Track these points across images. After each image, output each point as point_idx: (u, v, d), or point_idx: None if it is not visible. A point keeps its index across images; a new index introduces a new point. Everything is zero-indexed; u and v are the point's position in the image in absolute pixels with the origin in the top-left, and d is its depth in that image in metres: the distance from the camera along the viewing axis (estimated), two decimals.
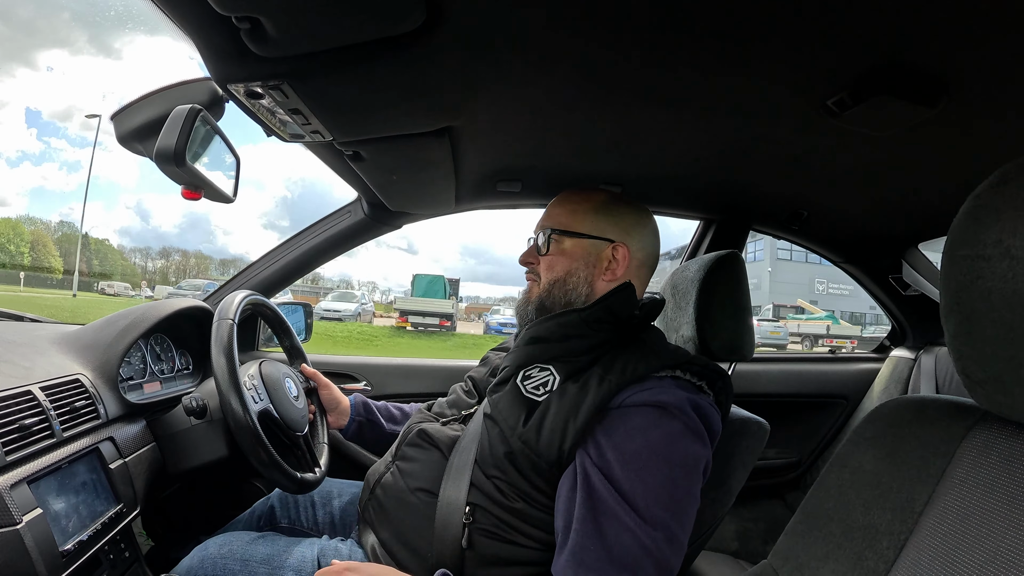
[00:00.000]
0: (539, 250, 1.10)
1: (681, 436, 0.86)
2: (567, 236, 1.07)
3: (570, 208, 1.09)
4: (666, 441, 0.85)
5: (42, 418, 0.90)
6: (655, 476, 0.83)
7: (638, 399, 0.89)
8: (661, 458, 0.84)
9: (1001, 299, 0.52)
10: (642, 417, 0.87)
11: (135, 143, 0.94)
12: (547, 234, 1.08)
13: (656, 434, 0.86)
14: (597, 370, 0.94)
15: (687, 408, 0.88)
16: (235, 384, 1.04)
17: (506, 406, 0.98)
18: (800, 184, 1.45)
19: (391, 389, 1.89)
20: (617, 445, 0.85)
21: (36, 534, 0.78)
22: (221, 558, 1.00)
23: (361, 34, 0.73)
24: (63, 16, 53.26)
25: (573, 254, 1.06)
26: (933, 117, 0.91)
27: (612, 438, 0.86)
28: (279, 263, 1.71)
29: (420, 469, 1.04)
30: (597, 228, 1.06)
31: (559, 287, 1.06)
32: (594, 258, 1.05)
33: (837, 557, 0.66)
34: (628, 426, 0.87)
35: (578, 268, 1.05)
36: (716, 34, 0.77)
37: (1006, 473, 0.56)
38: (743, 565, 1.82)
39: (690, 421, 0.87)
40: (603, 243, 1.05)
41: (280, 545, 1.04)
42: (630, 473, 0.83)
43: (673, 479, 0.84)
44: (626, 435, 0.86)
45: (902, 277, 2.08)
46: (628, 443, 0.85)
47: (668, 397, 0.88)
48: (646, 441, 0.85)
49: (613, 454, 0.85)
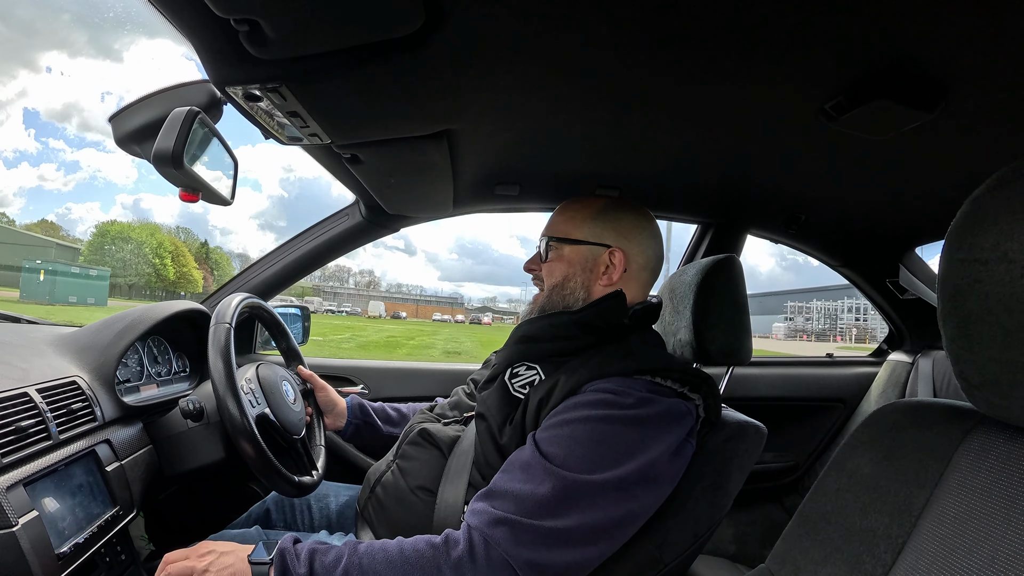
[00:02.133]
0: (540, 258, 1.13)
1: (622, 422, 0.85)
2: (565, 243, 1.09)
3: (568, 216, 1.11)
4: (605, 421, 0.85)
5: (38, 420, 0.89)
6: (583, 449, 0.83)
7: (598, 386, 0.90)
8: (594, 436, 0.84)
9: (999, 303, 0.53)
10: (592, 398, 0.89)
11: (133, 145, 0.94)
12: (546, 242, 1.11)
13: (597, 413, 0.86)
14: (574, 363, 0.97)
15: (641, 399, 0.88)
16: (232, 387, 1.04)
17: (494, 403, 1.01)
18: (798, 188, 1.45)
19: (388, 392, 1.89)
20: (558, 415, 0.88)
21: (32, 537, 0.78)
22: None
23: (360, 37, 0.73)
24: (63, 17, 53.33)
25: (571, 260, 1.08)
26: (930, 121, 0.92)
27: (560, 414, 0.89)
28: (276, 266, 1.71)
29: (420, 468, 1.05)
30: (594, 234, 1.07)
31: (558, 292, 1.08)
32: (591, 263, 1.07)
33: (835, 561, 0.66)
34: (577, 403, 0.89)
35: (575, 273, 1.07)
36: (714, 38, 0.77)
37: (1004, 477, 0.56)
38: (741, 569, 1.82)
39: (641, 410, 0.87)
40: (600, 248, 1.07)
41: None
42: (559, 439, 0.85)
43: (599, 457, 0.83)
44: (569, 408, 0.88)
45: (899, 281, 2.08)
46: (567, 413, 0.88)
47: (625, 388, 0.89)
48: (584, 416, 0.86)
49: (551, 421, 0.88)
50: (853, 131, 0.99)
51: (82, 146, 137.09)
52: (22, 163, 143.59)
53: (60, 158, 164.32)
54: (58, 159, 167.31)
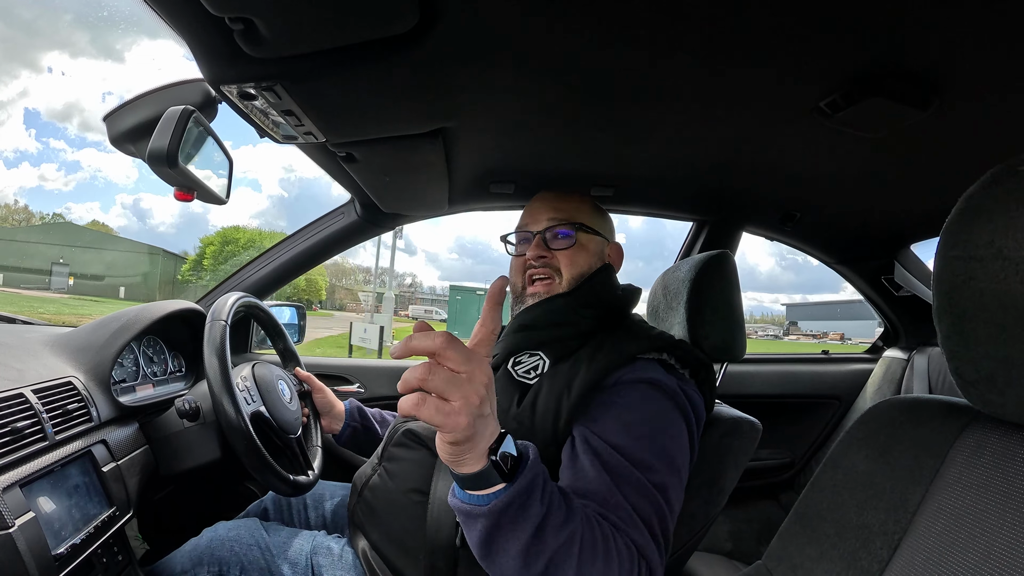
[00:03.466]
0: (545, 244, 1.09)
1: (672, 412, 0.89)
2: (588, 232, 1.08)
3: (576, 205, 1.11)
4: (661, 414, 0.88)
5: (34, 421, 0.89)
6: (655, 444, 0.85)
7: (632, 377, 0.91)
8: (657, 430, 0.86)
9: (993, 299, 0.53)
10: (639, 392, 0.90)
11: (128, 144, 0.94)
12: (575, 227, 1.08)
13: (653, 407, 0.88)
14: (587, 350, 0.96)
15: (676, 389, 0.91)
16: (228, 385, 1.03)
17: (498, 391, 0.99)
18: (793, 185, 1.45)
19: (384, 391, 1.88)
20: (618, 416, 0.87)
21: (28, 538, 0.78)
22: (229, 540, 1.03)
23: (354, 35, 0.73)
24: (65, 18, 53.15)
25: (591, 250, 1.08)
26: (925, 119, 0.92)
27: (611, 411, 0.88)
28: (272, 265, 1.70)
29: (409, 469, 1.04)
30: (601, 226, 1.08)
31: (587, 283, 1.06)
32: (601, 256, 1.07)
33: (831, 557, 0.67)
34: (625, 400, 0.89)
35: (593, 264, 1.07)
36: (709, 37, 0.77)
37: (999, 473, 0.56)
38: (737, 566, 1.83)
39: (679, 400, 0.90)
40: (604, 241, 1.07)
41: (283, 536, 1.07)
42: (633, 441, 0.84)
43: (668, 449, 0.85)
44: (625, 408, 0.88)
45: (894, 278, 2.09)
46: (627, 415, 0.87)
47: (660, 376, 0.91)
48: (644, 414, 0.87)
49: (615, 425, 0.86)
50: (848, 129, 0.99)
51: (83, 146, 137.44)
52: (23, 163, 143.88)
53: (61, 158, 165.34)
54: (59, 159, 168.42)
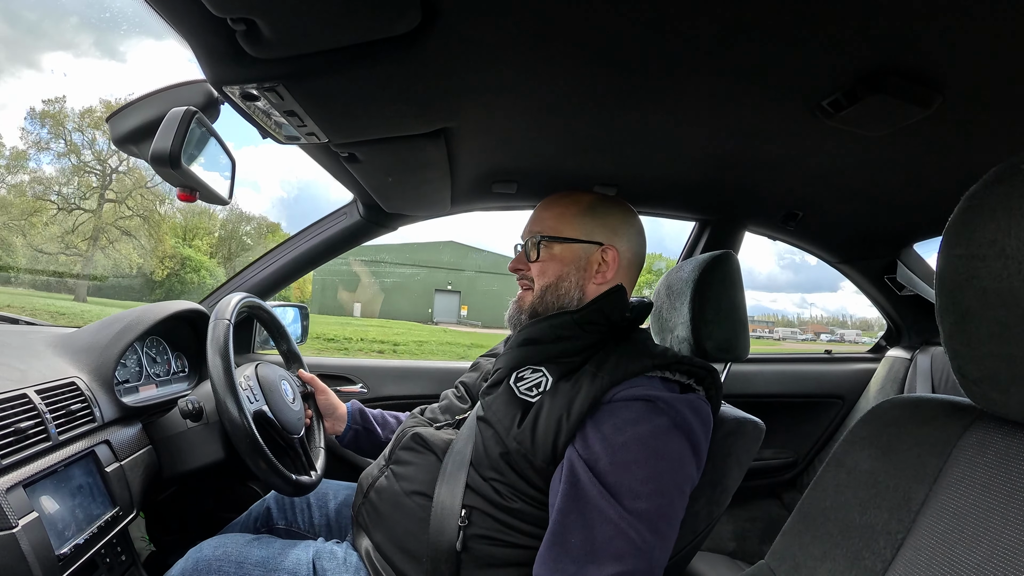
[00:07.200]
0: (528, 256, 1.10)
1: (669, 431, 0.86)
2: (557, 242, 1.07)
3: (558, 212, 1.10)
4: (654, 435, 0.86)
5: (38, 421, 0.89)
6: (642, 469, 0.83)
7: (628, 394, 0.89)
8: (648, 451, 0.84)
9: (996, 298, 0.53)
10: (631, 411, 0.88)
11: (131, 145, 0.94)
12: (537, 240, 1.09)
13: (645, 428, 0.86)
14: (590, 368, 0.95)
15: (676, 404, 0.88)
16: (231, 385, 1.03)
17: (500, 407, 0.99)
18: (795, 185, 1.45)
19: (387, 391, 1.88)
20: (605, 437, 0.86)
21: (32, 538, 0.78)
22: (216, 560, 0.99)
23: (357, 36, 0.73)
24: (71, 20, 52.62)
25: (564, 259, 1.07)
26: (928, 117, 0.92)
27: (600, 430, 0.87)
28: (275, 266, 1.71)
29: (415, 472, 1.04)
30: (586, 232, 1.07)
31: (551, 292, 1.06)
32: (584, 262, 1.06)
33: (834, 557, 0.67)
34: (617, 419, 0.87)
35: (569, 273, 1.06)
36: (711, 36, 0.77)
37: (1003, 471, 0.56)
38: (740, 565, 1.82)
39: (678, 417, 0.87)
40: (592, 246, 1.06)
41: (275, 548, 1.03)
42: (616, 466, 0.83)
43: (659, 473, 0.84)
44: (614, 428, 0.86)
45: (897, 277, 2.08)
46: (616, 436, 0.86)
47: (657, 392, 0.89)
48: (634, 434, 0.85)
49: (600, 446, 0.85)
50: (850, 128, 0.99)
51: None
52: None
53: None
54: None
